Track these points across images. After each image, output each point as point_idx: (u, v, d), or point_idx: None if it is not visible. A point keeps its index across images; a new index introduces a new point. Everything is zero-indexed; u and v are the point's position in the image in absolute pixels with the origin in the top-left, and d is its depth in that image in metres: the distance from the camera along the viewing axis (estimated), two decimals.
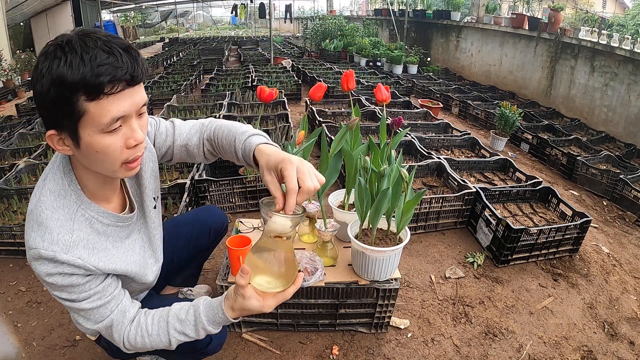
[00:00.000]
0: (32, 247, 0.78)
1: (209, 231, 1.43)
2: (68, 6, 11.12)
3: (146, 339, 0.89)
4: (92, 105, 0.69)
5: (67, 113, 0.70)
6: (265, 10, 13.76)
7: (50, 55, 0.69)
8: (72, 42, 0.69)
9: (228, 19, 26.23)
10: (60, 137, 0.75)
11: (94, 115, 0.70)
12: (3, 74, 6.44)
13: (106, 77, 0.68)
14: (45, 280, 0.80)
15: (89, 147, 0.74)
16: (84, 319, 0.88)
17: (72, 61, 0.67)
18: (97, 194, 0.86)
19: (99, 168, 0.79)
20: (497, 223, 2.01)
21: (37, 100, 0.72)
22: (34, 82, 0.71)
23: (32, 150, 2.98)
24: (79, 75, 0.67)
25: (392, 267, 1.39)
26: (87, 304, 0.84)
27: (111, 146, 0.74)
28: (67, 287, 0.81)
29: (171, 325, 0.88)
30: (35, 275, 0.83)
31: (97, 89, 0.68)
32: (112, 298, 0.88)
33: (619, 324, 1.75)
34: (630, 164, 3.32)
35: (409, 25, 8.71)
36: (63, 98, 0.68)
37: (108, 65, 0.68)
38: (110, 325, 0.88)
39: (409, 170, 1.34)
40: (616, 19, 8.67)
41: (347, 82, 1.40)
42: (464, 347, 1.56)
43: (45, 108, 0.71)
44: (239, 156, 0.94)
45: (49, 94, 0.69)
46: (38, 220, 0.79)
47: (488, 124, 4.36)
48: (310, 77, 5.90)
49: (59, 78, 0.67)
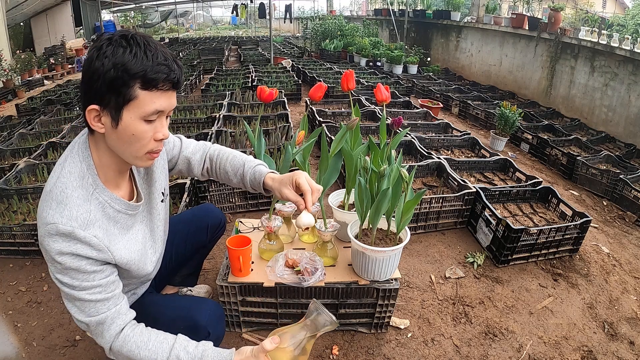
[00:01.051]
0: (49, 222, 0.81)
1: (207, 228, 1.44)
2: (68, 6, 11.12)
3: (141, 350, 0.89)
4: (143, 94, 0.80)
5: (119, 94, 0.79)
6: (265, 10, 13.76)
7: (116, 42, 0.79)
8: (137, 38, 0.80)
9: (228, 19, 26.22)
10: (100, 114, 0.82)
11: (141, 102, 0.81)
12: (3, 74, 6.44)
13: (162, 75, 0.81)
14: (55, 259, 0.82)
15: (126, 129, 0.82)
16: (77, 310, 0.89)
17: (137, 52, 0.78)
18: (110, 180, 0.92)
19: (126, 151, 0.86)
20: (497, 223, 2.01)
21: (91, 75, 0.79)
22: (93, 59, 0.78)
23: (32, 150, 2.98)
24: (141, 66, 0.78)
25: (392, 267, 1.39)
26: (87, 295, 0.86)
27: (145, 133, 0.84)
28: (73, 270, 0.84)
29: (174, 353, 0.90)
30: (45, 254, 0.85)
31: (153, 82, 0.80)
32: (112, 297, 0.90)
33: (619, 324, 1.75)
34: (630, 164, 3.32)
35: (409, 25, 8.71)
36: (121, 80, 0.78)
37: (165, 66, 0.81)
38: (103, 322, 0.89)
39: (409, 170, 1.34)
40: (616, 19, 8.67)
41: (347, 82, 1.40)
42: (464, 347, 1.56)
43: (99, 84, 0.79)
44: (246, 179, 1.14)
45: (109, 74, 0.77)
46: (58, 199, 0.83)
47: (488, 124, 4.36)
48: (310, 77, 5.91)
49: (122, 63, 0.77)
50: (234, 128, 3.30)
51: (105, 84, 0.78)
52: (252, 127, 3.02)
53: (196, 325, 1.07)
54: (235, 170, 1.16)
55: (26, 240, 1.98)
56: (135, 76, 0.78)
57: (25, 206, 2.24)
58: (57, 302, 1.74)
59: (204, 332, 1.07)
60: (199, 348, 0.93)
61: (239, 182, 1.17)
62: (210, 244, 1.53)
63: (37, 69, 7.82)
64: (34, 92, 6.64)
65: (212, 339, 1.10)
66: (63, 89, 5.78)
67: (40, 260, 2.02)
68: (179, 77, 0.84)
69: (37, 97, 5.41)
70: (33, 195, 2.33)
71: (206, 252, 1.57)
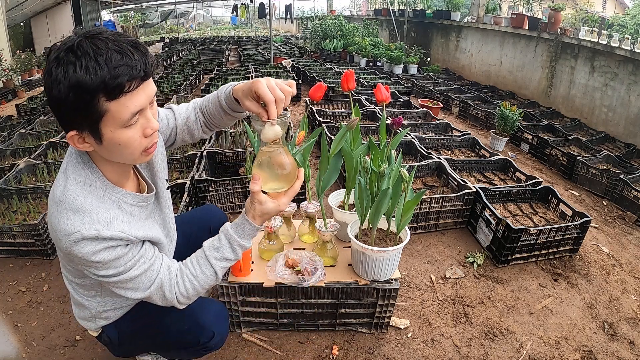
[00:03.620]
0: (72, 232, 0.80)
1: (209, 229, 1.43)
2: (68, 6, 11.12)
3: (195, 282, 0.94)
4: (112, 105, 0.74)
5: (87, 115, 0.73)
6: (265, 10, 13.76)
7: (64, 61, 0.71)
8: (83, 45, 0.71)
9: (228, 19, 26.20)
10: (81, 136, 0.78)
11: (114, 113, 0.75)
12: (3, 74, 6.44)
13: (124, 78, 0.72)
14: (92, 260, 0.82)
15: (111, 142, 0.78)
16: (132, 291, 0.90)
17: (87, 65, 0.70)
18: (115, 180, 0.90)
19: (121, 159, 0.85)
20: (497, 223, 2.01)
21: (54, 104, 0.74)
22: (49, 88, 0.72)
23: (32, 150, 2.98)
24: (97, 79, 0.70)
25: (392, 267, 1.39)
26: (135, 271, 0.88)
27: (131, 138, 0.80)
28: (113, 260, 0.84)
29: (211, 257, 0.95)
30: (77, 261, 0.84)
31: (117, 90, 0.72)
32: (155, 259, 0.92)
33: (619, 324, 1.75)
34: (630, 164, 3.32)
35: (409, 25, 8.71)
36: (83, 102, 0.72)
37: (124, 65, 0.72)
38: (161, 285, 0.92)
39: (409, 170, 1.34)
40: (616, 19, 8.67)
41: (347, 82, 1.40)
42: (464, 347, 1.56)
43: (64, 112, 0.74)
44: (224, 105, 1.03)
45: (68, 99, 0.71)
46: (72, 208, 0.81)
47: (488, 124, 4.35)
48: (310, 77, 5.90)
49: (77, 83, 0.70)
50: (233, 128, 3.30)
51: (70, 110, 0.73)
52: (252, 127, 3.02)
53: (202, 326, 1.07)
54: (217, 107, 1.08)
55: (26, 240, 1.98)
56: (95, 92, 0.71)
57: (25, 206, 2.24)
58: (57, 302, 1.74)
59: (209, 333, 1.07)
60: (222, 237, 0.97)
61: (219, 111, 1.08)
62: None
63: (37, 69, 7.82)
64: (34, 92, 6.64)
65: (217, 339, 1.10)
66: None
67: (40, 260, 2.02)
68: (144, 68, 0.75)
69: (37, 97, 5.40)
70: (33, 195, 2.33)
71: None
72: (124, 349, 1.19)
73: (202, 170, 2.37)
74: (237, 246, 0.96)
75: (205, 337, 1.07)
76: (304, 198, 2.43)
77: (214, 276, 0.96)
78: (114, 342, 1.14)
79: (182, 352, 1.15)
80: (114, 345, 1.15)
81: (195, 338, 1.06)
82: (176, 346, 1.11)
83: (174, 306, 0.96)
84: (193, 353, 1.15)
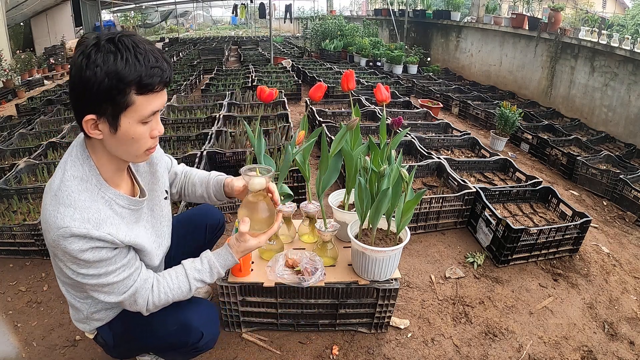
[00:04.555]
0: (62, 226, 0.82)
1: (205, 227, 1.45)
2: (68, 6, 11.12)
3: (169, 294, 1.01)
4: (139, 99, 0.82)
5: (115, 102, 0.80)
6: (265, 10, 13.76)
7: (104, 48, 0.77)
8: (124, 40, 0.79)
9: (228, 19, 26.19)
10: (97, 122, 0.82)
11: (138, 107, 0.82)
12: (3, 74, 6.44)
13: (157, 79, 0.81)
14: (78, 258, 0.85)
15: (126, 133, 0.84)
16: (106, 294, 0.93)
17: (128, 58, 0.78)
18: (110, 178, 0.94)
19: (126, 152, 0.89)
20: (497, 223, 2.01)
21: (82, 86, 0.78)
22: (83, 69, 0.77)
23: (32, 150, 2.98)
24: (135, 73, 0.78)
25: (392, 267, 1.39)
26: (114, 277, 0.91)
27: (143, 134, 0.87)
28: (97, 262, 0.87)
29: (191, 276, 1.03)
30: (61, 255, 0.87)
31: (148, 87, 0.81)
32: (136, 269, 0.96)
33: (619, 324, 1.75)
34: (630, 164, 3.32)
35: (409, 25, 8.71)
36: (116, 89, 0.78)
37: (158, 68, 0.82)
38: (135, 292, 0.96)
39: (409, 170, 1.34)
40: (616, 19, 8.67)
41: (347, 82, 1.40)
42: (464, 347, 1.56)
43: (92, 94, 0.78)
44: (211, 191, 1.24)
45: (102, 83, 0.77)
46: (66, 202, 0.84)
47: (488, 124, 4.35)
48: (310, 77, 5.90)
49: (115, 71, 0.77)
50: (234, 128, 3.30)
51: (100, 94, 0.78)
52: (252, 127, 3.02)
53: (189, 327, 1.07)
54: (202, 180, 1.26)
55: (26, 240, 1.98)
56: (130, 83, 0.78)
57: (25, 206, 2.24)
58: (57, 302, 1.74)
59: (197, 333, 1.08)
60: (204, 261, 1.06)
61: (203, 191, 1.25)
62: (209, 245, 1.52)
63: (37, 69, 7.82)
64: (34, 92, 6.64)
65: (207, 339, 1.10)
66: (63, 89, 5.78)
67: (40, 260, 2.02)
68: (170, 76, 0.86)
69: (37, 97, 5.40)
70: (33, 195, 2.32)
71: None
72: (120, 351, 1.19)
73: (202, 170, 2.37)
74: (215, 273, 1.07)
75: (193, 338, 1.07)
76: (304, 198, 2.43)
77: (188, 292, 1.04)
78: (108, 344, 1.14)
79: (175, 353, 1.16)
80: (109, 346, 1.15)
81: (183, 339, 1.07)
82: (167, 347, 1.12)
83: (139, 311, 1.01)
84: (185, 354, 1.15)
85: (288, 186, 1.73)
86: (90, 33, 0.85)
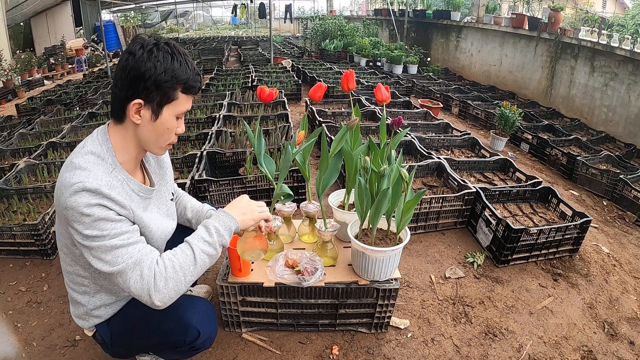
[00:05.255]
0: (75, 182, 0.88)
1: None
2: (68, 6, 11.11)
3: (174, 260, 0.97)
4: (182, 97, 0.98)
5: (165, 94, 0.95)
6: (265, 10, 13.76)
7: (163, 49, 0.93)
8: (176, 45, 0.96)
9: (228, 19, 26.19)
10: (142, 107, 0.95)
11: (179, 103, 0.98)
12: (3, 74, 6.44)
13: (198, 84, 1.00)
14: (83, 213, 0.88)
15: (163, 123, 0.98)
16: (109, 265, 0.92)
17: (181, 61, 0.95)
18: (126, 163, 1.02)
19: (154, 140, 1.01)
20: (497, 223, 2.01)
21: (140, 74, 0.91)
22: (144, 60, 0.90)
23: (32, 150, 2.98)
24: (185, 76, 0.95)
25: (392, 267, 1.39)
26: (118, 241, 0.92)
27: (173, 127, 1.01)
28: (101, 220, 0.90)
29: (189, 240, 1.03)
30: (70, 215, 0.89)
31: (191, 89, 0.99)
32: (140, 241, 0.98)
33: (619, 324, 1.75)
34: (630, 164, 3.32)
35: (409, 25, 8.71)
36: (169, 82, 0.94)
37: (198, 76, 1.00)
38: (139, 261, 0.94)
39: (409, 170, 1.34)
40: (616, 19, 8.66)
41: (347, 82, 1.40)
42: (464, 347, 1.56)
43: (148, 83, 0.92)
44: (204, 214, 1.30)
45: (161, 76, 0.92)
46: (81, 167, 0.92)
47: (488, 124, 4.35)
48: (310, 77, 5.90)
49: (172, 69, 0.93)
50: (234, 128, 3.30)
51: (155, 84, 0.92)
52: (252, 127, 3.02)
53: (186, 325, 1.07)
54: (194, 207, 1.32)
55: (26, 240, 1.98)
56: (180, 82, 0.95)
57: (25, 206, 2.24)
58: (57, 302, 1.74)
59: (194, 332, 1.08)
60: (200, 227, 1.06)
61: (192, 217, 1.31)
62: None
63: (37, 69, 7.82)
64: (34, 92, 6.64)
65: (204, 338, 1.10)
66: (63, 89, 5.77)
67: (40, 260, 2.02)
68: (202, 86, 0.96)
69: (37, 97, 5.40)
70: (33, 195, 2.33)
71: None
72: (118, 349, 1.19)
73: (202, 170, 2.37)
74: (212, 228, 1.04)
75: (190, 337, 1.08)
76: (304, 198, 2.43)
77: (193, 261, 0.99)
78: (107, 342, 1.15)
79: (174, 352, 1.16)
80: (108, 345, 1.16)
81: (180, 337, 1.07)
82: (164, 346, 1.12)
83: (152, 300, 0.94)
84: (183, 353, 1.15)
85: (288, 186, 1.73)
86: (143, 34, 0.98)
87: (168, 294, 0.95)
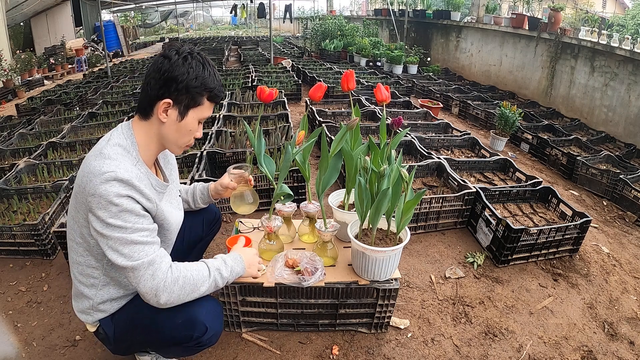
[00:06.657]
0: (106, 171, 0.94)
1: (202, 221, 1.52)
2: (68, 6, 11.11)
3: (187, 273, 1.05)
4: (207, 103, 1.08)
5: (193, 98, 1.04)
6: (265, 10, 13.76)
7: (196, 58, 1.03)
8: (208, 60, 1.06)
9: (228, 19, 26.20)
10: (169, 108, 1.03)
11: (204, 109, 1.08)
12: (3, 74, 6.44)
13: (221, 95, 1.11)
14: (112, 202, 0.93)
15: (187, 124, 1.07)
16: (125, 258, 0.97)
17: (210, 72, 1.05)
18: (146, 159, 1.08)
19: (175, 140, 1.09)
20: (497, 223, 2.01)
21: (176, 77, 1.00)
22: (179, 65, 1.00)
23: (32, 150, 2.98)
24: (212, 85, 1.06)
25: (392, 267, 1.39)
26: (138, 237, 0.98)
27: (194, 130, 1.10)
28: (127, 212, 0.96)
29: (209, 263, 1.13)
30: (95, 203, 0.93)
31: (216, 98, 1.10)
32: (157, 242, 1.04)
33: (619, 324, 1.75)
34: (630, 164, 3.32)
35: (409, 25, 8.71)
36: (199, 89, 1.03)
37: (222, 87, 1.11)
38: (153, 262, 0.99)
39: (409, 170, 1.34)
40: (616, 19, 8.66)
41: (347, 82, 1.40)
42: (464, 347, 1.56)
43: (180, 85, 1.01)
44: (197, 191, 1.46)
45: (193, 81, 1.02)
46: (111, 157, 0.97)
47: (488, 124, 4.35)
48: (310, 77, 5.90)
49: (202, 77, 1.03)
50: (234, 128, 3.30)
51: (185, 88, 1.01)
52: (252, 127, 3.02)
53: (194, 320, 1.08)
54: (186, 190, 1.46)
55: (26, 240, 1.98)
56: (207, 89, 1.04)
57: (25, 206, 2.24)
58: (57, 302, 1.74)
59: (201, 327, 1.08)
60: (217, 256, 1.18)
61: (188, 198, 1.45)
62: (208, 237, 1.58)
63: (37, 69, 7.82)
64: (34, 92, 6.64)
65: (210, 334, 1.11)
66: (63, 89, 5.77)
67: (40, 260, 2.02)
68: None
69: (37, 97, 5.40)
70: (33, 195, 2.33)
71: (204, 245, 1.60)
72: (120, 345, 1.19)
73: (202, 170, 2.37)
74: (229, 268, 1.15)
75: (198, 332, 1.08)
76: (304, 198, 2.43)
77: (207, 277, 1.09)
78: (110, 337, 1.15)
79: (178, 349, 1.16)
80: (110, 340, 1.16)
81: (188, 332, 1.08)
82: (170, 341, 1.12)
83: (158, 299, 1.00)
84: (187, 349, 1.16)
85: (288, 186, 1.73)
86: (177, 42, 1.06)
87: (173, 298, 1.02)
